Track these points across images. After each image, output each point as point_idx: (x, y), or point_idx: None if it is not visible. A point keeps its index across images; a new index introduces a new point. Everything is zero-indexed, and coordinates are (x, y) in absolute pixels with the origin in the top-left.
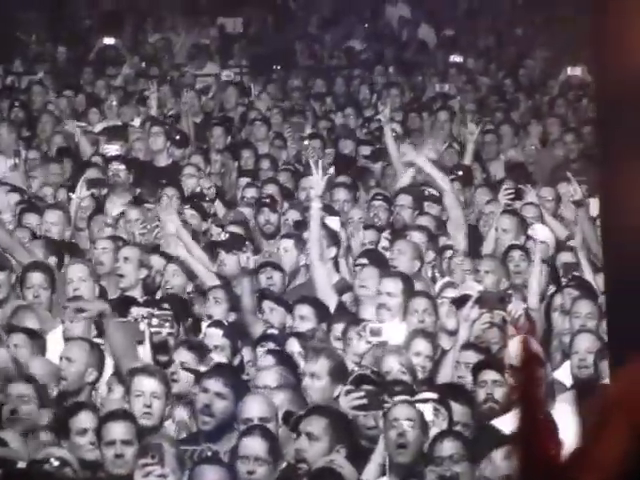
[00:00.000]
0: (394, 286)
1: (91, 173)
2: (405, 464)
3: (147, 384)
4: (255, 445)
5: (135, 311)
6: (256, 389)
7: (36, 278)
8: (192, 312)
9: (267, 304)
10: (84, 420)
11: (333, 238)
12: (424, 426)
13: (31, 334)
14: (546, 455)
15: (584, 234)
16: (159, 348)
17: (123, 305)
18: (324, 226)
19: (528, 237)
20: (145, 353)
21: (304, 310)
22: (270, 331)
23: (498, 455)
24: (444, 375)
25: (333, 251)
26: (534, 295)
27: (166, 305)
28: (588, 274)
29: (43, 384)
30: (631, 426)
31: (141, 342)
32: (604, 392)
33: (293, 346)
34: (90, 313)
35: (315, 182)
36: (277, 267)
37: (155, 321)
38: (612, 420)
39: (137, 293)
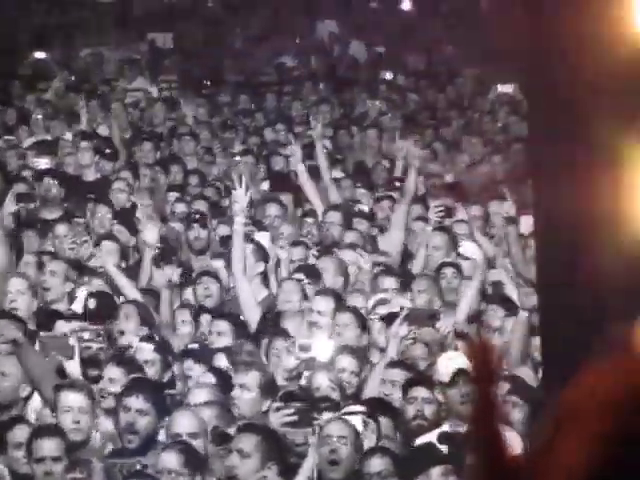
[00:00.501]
0: (325, 304)
1: (20, 187)
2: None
3: (74, 399)
4: (171, 459)
5: (61, 325)
6: (187, 405)
7: None
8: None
9: (205, 317)
10: (20, 434)
11: (261, 253)
12: (357, 443)
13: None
14: (504, 462)
15: (512, 252)
16: (89, 363)
17: (49, 319)
18: (252, 241)
19: (458, 254)
20: (74, 368)
21: (221, 326)
22: (191, 346)
23: (433, 473)
24: (370, 391)
25: (261, 266)
26: (463, 312)
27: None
28: (512, 291)
29: None
30: (586, 436)
31: (71, 357)
32: (558, 401)
33: (220, 361)
34: (3, 339)
35: (239, 197)
36: (215, 277)
37: (86, 335)
38: (567, 430)
39: (62, 307)
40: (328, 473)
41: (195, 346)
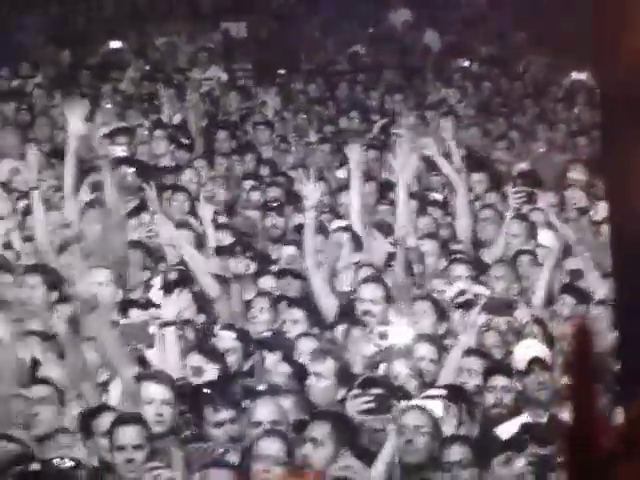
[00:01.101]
0: (373, 292)
1: (94, 176)
2: (414, 464)
3: (157, 391)
4: (273, 446)
5: (137, 313)
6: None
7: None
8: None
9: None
10: (104, 422)
11: (357, 243)
12: (435, 431)
13: (45, 336)
14: (600, 451)
15: (586, 240)
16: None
17: (126, 307)
18: (347, 230)
19: (537, 242)
20: (154, 356)
21: (296, 314)
22: (265, 334)
23: (515, 463)
24: (446, 379)
25: (357, 256)
26: (539, 299)
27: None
28: (594, 280)
29: (62, 387)
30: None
31: (151, 345)
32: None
33: (304, 347)
34: None
35: (309, 192)
36: (296, 275)
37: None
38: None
39: (138, 295)
40: (405, 457)
41: (269, 335)
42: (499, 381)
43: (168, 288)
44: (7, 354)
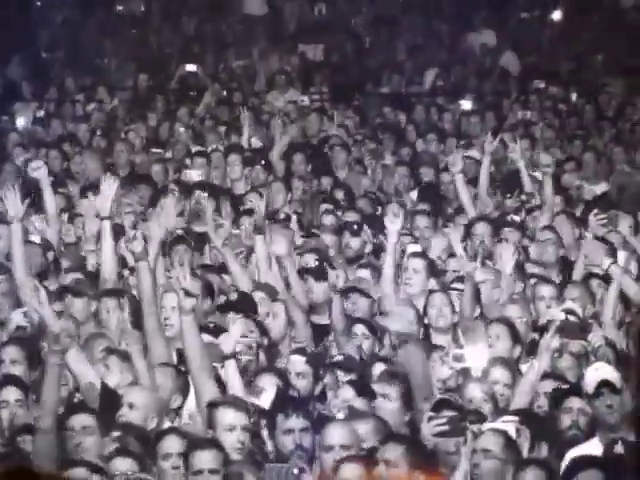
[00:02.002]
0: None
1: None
2: None
3: (238, 418)
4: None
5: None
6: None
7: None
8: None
9: (359, 328)
10: (169, 445)
11: (432, 269)
12: (506, 455)
13: (125, 357)
14: None
15: None
16: (241, 373)
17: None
18: (422, 256)
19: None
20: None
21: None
22: (337, 358)
23: None
24: (519, 403)
25: (432, 283)
26: (608, 320)
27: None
28: None
29: (106, 414)
30: None
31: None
32: None
33: (377, 370)
34: None
35: (393, 221)
36: (363, 294)
37: (238, 347)
38: None
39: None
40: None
41: (341, 357)
42: (575, 403)
43: (226, 308)
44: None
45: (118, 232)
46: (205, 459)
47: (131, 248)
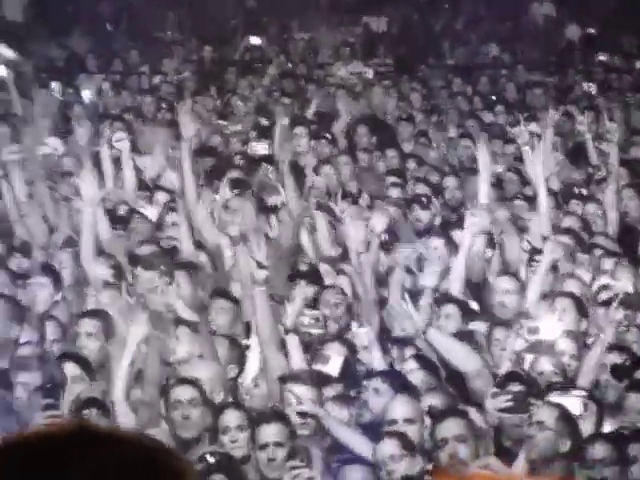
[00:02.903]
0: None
1: (234, 173)
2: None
3: (304, 392)
4: (389, 447)
5: None
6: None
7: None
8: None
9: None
10: (227, 419)
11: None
12: (563, 427)
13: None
14: None
15: None
16: (306, 346)
17: None
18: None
19: None
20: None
21: (449, 309)
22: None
23: None
24: (586, 376)
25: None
26: None
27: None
28: None
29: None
30: None
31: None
32: None
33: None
34: None
35: (478, 214)
36: None
37: (306, 320)
38: None
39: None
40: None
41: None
42: None
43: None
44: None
45: None
46: (270, 432)
47: (227, 232)
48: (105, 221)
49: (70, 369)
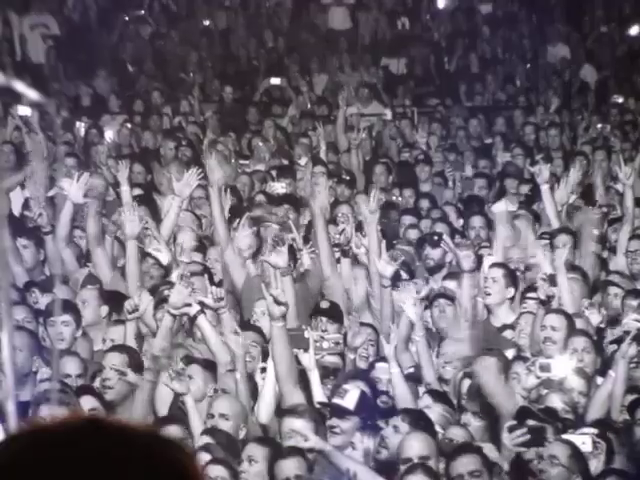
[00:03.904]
0: (559, 321)
1: (255, 212)
2: None
3: (301, 426)
4: None
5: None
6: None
7: None
8: None
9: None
10: (253, 452)
11: (511, 278)
12: (573, 464)
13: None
14: None
15: None
16: (327, 373)
17: None
18: (503, 267)
19: None
20: (307, 359)
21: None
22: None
23: None
24: (595, 412)
25: (511, 292)
26: None
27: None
28: None
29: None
30: None
31: (307, 349)
32: None
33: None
34: None
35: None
36: (450, 298)
37: (325, 345)
38: None
39: None
40: None
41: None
42: None
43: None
44: None
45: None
46: (292, 466)
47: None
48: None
49: (88, 402)
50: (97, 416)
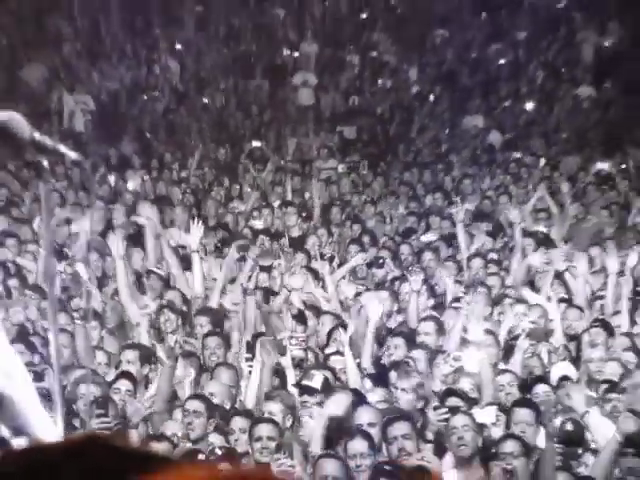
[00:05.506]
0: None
1: (240, 241)
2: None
3: (276, 408)
4: (359, 446)
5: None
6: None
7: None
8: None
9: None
10: (235, 424)
11: (488, 299)
12: (478, 429)
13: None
14: None
15: None
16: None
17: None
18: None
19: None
20: (286, 361)
21: (397, 341)
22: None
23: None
24: (487, 393)
25: (488, 310)
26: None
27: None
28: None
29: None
30: None
31: (284, 354)
32: None
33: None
34: None
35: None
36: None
37: (294, 341)
38: None
39: None
40: (459, 453)
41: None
42: (541, 388)
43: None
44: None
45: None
46: (264, 429)
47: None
48: None
49: (124, 384)
50: (92, 440)
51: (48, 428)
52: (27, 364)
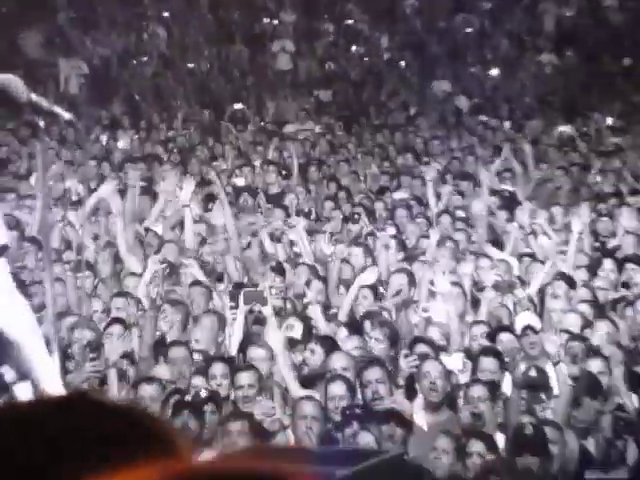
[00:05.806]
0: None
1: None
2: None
3: (258, 354)
4: (337, 389)
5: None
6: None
7: None
8: None
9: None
10: (215, 369)
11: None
12: (447, 375)
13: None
14: None
15: None
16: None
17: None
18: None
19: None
20: (267, 311)
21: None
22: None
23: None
24: (455, 340)
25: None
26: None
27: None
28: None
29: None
30: None
31: (265, 304)
32: None
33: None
34: None
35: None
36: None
37: (274, 291)
38: None
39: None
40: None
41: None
42: (506, 336)
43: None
44: None
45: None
46: (245, 377)
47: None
48: None
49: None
50: (79, 398)
51: (51, 374)
52: None
